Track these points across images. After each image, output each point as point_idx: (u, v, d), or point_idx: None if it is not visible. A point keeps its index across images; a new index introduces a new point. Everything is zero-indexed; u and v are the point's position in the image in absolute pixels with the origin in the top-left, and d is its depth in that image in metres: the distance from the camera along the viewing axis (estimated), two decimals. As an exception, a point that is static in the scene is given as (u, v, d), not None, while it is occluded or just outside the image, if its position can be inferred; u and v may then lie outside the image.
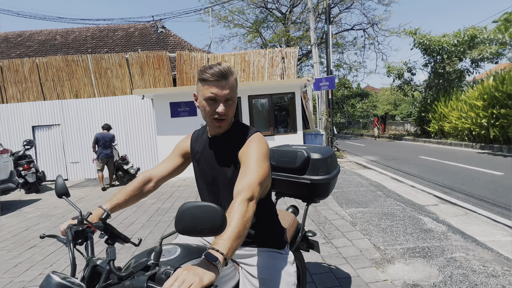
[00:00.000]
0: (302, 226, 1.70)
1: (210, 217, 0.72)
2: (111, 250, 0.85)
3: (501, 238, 2.97)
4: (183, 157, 1.26)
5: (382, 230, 3.26)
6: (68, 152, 8.62)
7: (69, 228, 0.95)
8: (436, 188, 5.19)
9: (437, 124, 12.64)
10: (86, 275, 0.84)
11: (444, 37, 12.55)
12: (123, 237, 1.00)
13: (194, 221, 0.73)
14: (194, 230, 0.74)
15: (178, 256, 1.00)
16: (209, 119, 1.06)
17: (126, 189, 1.17)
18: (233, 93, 1.04)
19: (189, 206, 0.75)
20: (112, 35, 12.88)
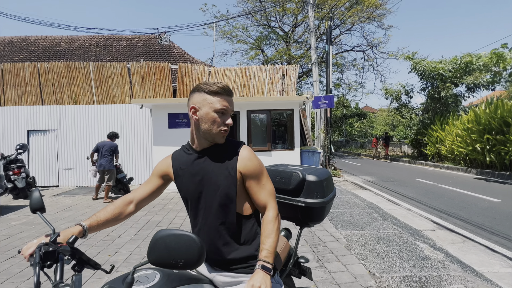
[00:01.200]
0: (294, 251, 1.61)
1: (187, 248, 0.66)
2: (77, 278, 0.77)
3: (500, 269, 2.87)
4: (163, 178, 1.22)
5: (377, 256, 3.14)
6: (61, 158, 8.48)
7: (39, 247, 0.86)
8: (433, 212, 5.10)
9: (434, 147, 12.70)
10: None
11: (441, 63, 12.84)
12: (92, 263, 0.91)
13: (168, 252, 0.67)
14: (167, 262, 0.67)
15: (156, 285, 0.91)
16: (217, 130, 1.09)
17: (107, 209, 1.13)
18: (233, 109, 1.15)
19: (163, 235, 0.68)
20: (116, 45, 13.05)
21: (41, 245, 0.88)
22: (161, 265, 0.68)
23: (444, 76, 12.67)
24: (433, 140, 12.70)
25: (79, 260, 0.89)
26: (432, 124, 13.04)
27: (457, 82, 12.74)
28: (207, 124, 1.08)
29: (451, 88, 12.70)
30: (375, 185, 8.13)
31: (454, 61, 12.55)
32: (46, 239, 0.92)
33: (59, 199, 6.67)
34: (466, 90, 13.10)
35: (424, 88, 14.13)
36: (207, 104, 1.07)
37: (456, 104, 13.25)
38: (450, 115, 12.38)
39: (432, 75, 12.90)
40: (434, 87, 13.42)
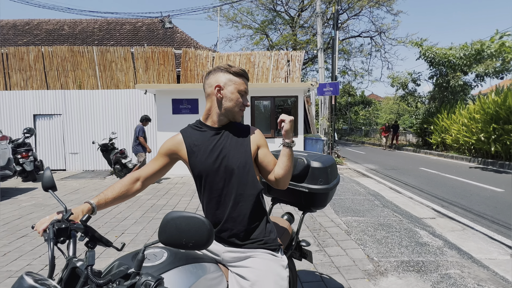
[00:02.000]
0: (296, 235, 1.66)
1: (196, 230, 0.69)
2: (90, 254, 0.81)
3: (498, 257, 2.92)
4: (170, 157, 1.24)
5: (377, 241, 3.21)
6: (68, 142, 8.60)
7: (52, 224, 0.90)
8: (435, 200, 5.13)
9: (439, 136, 12.58)
10: (64, 276, 0.80)
11: (451, 50, 12.49)
12: (104, 241, 0.94)
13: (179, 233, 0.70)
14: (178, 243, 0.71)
15: (164, 262, 0.96)
16: (237, 108, 1.20)
17: (114, 187, 1.16)
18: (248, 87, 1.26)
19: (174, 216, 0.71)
20: (119, 29, 12.90)
21: (54, 222, 0.92)
22: (172, 245, 0.72)
23: (453, 63, 12.36)
24: (439, 129, 12.56)
25: (92, 238, 0.92)
26: (439, 113, 12.86)
27: (466, 70, 12.44)
28: (231, 103, 1.18)
29: (460, 77, 12.41)
30: (378, 173, 8.15)
31: (465, 48, 12.20)
32: (58, 216, 0.96)
33: (66, 182, 6.83)
34: (475, 79, 12.81)
35: (432, 76, 13.83)
36: (232, 85, 1.17)
37: (464, 93, 12.99)
38: (457, 104, 12.17)
39: (441, 62, 12.59)
40: (442, 75, 13.13)
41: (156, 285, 0.69)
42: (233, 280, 1.13)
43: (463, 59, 12.14)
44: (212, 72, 1.20)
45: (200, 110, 7.78)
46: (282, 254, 1.24)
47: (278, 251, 1.22)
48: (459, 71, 12.48)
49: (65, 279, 0.79)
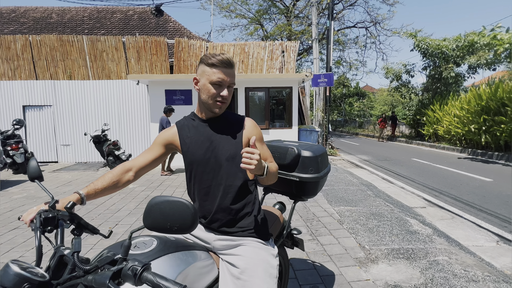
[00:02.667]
0: (288, 223, 1.68)
1: (180, 214, 0.69)
2: (76, 241, 0.81)
3: (485, 244, 3.01)
4: (166, 147, 1.25)
5: (368, 230, 3.27)
6: (59, 134, 8.46)
7: (39, 214, 0.90)
8: (426, 190, 5.23)
9: (431, 127, 12.74)
10: (52, 264, 0.80)
11: (444, 41, 12.52)
12: (90, 228, 0.94)
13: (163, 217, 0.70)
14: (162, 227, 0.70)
15: (153, 250, 0.96)
16: (212, 101, 1.15)
17: (105, 177, 1.15)
18: (234, 80, 1.17)
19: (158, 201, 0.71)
20: (110, 17, 12.56)
21: (41, 211, 0.91)
22: (156, 229, 0.71)
23: (447, 55, 12.41)
24: (431, 120, 12.71)
25: (78, 225, 0.92)
26: (431, 105, 12.98)
27: (459, 62, 12.51)
28: (204, 95, 1.15)
29: (452, 68, 12.49)
30: (371, 163, 8.25)
31: (458, 39, 12.24)
32: (45, 206, 0.96)
33: (58, 174, 6.76)
34: (467, 70, 12.91)
35: (425, 68, 13.90)
36: (204, 76, 1.13)
37: (457, 85, 13.10)
38: (450, 95, 12.29)
39: (435, 53, 12.63)
40: (436, 67, 13.20)
41: (142, 270, 0.69)
42: (224, 268, 1.14)
43: (456, 51, 12.20)
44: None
45: (194, 101, 7.70)
46: (272, 244, 1.26)
47: (269, 240, 1.24)
48: (452, 62, 12.55)
49: (52, 267, 0.79)
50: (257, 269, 1.10)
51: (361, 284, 2.22)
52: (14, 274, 0.67)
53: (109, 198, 4.58)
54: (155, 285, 0.67)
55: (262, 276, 1.09)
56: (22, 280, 0.67)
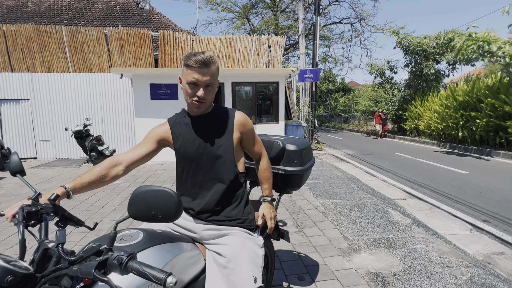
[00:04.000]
0: None
1: (164, 203, 0.70)
2: (61, 233, 0.81)
3: (459, 232, 3.19)
4: (158, 143, 1.26)
5: (352, 221, 3.39)
6: (37, 129, 8.13)
7: (21, 208, 0.89)
8: (406, 183, 5.45)
9: (413, 123, 13.18)
10: (36, 258, 0.79)
11: (425, 39, 12.90)
12: (75, 220, 0.94)
13: (147, 206, 0.71)
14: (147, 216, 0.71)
15: (139, 242, 0.97)
16: (190, 100, 1.16)
17: (92, 170, 1.13)
18: (213, 80, 1.15)
19: (142, 190, 0.72)
20: (90, 7, 12.08)
21: (24, 206, 0.90)
22: (141, 218, 0.72)
23: (427, 52, 12.80)
24: (413, 116, 13.14)
25: (62, 217, 0.91)
26: (413, 101, 13.41)
27: (439, 59, 12.94)
28: (184, 94, 1.18)
29: (432, 66, 12.91)
30: (355, 158, 8.46)
31: (438, 37, 12.64)
32: (28, 201, 0.94)
33: (38, 171, 6.52)
34: (447, 67, 13.38)
35: (407, 64, 14.29)
36: (183, 76, 1.16)
37: (437, 81, 13.57)
38: (430, 92, 12.73)
39: (416, 50, 13.00)
40: (417, 64, 13.60)
41: (128, 260, 0.69)
42: (210, 258, 1.17)
43: (436, 48, 12.60)
44: None
45: (180, 95, 7.59)
46: (258, 234, 1.30)
47: (255, 231, 1.28)
48: (432, 60, 12.96)
49: (37, 260, 0.78)
50: (243, 258, 1.13)
51: (344, 272, 2.31)
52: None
53: (93, 194, 4.48)
54: (141, 274, 0.68)
55: (248, 264, 1.13)
56: (5, 272, 0.67)
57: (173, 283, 0.66)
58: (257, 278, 1.14)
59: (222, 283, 1.08)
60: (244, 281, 1.09)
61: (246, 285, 1.10)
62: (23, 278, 0.70)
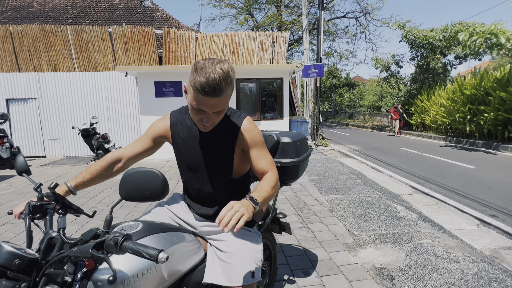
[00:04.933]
0: (272, 208, 1.74)
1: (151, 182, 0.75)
2: (61, 219, 0.87)
3: (466, 227, 3.16)
4: (157, 140, 1.23)
5: (357, 217, 3.39)
6: (45, 127, 8.26)
7: (28, 203, 0.96)
8: (412, 178, 5.41)
9: (419, 117, 13.02)
10: (42, 246, 0.84)
11: (432, 32, 12.68)
12: (75, 208, 0.99)
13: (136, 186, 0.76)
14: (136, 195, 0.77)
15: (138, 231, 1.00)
16: (195, 120, 1.04)
17: (93, 167, 1.16)
18: (224, 105, 0.99)
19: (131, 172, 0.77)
20: (94, 6, 12.14)
21: (30, 202, 0.97)
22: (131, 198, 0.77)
23: (434, 45, 12.58)
24: (419, 110, 12.98)
25: (62, 205, 0.97)
26: (419, 95, 13.23)
27: (446, 52, 12.71)
28: (190, 111, 1.04)
29: (439, 59, 12.71)
30: (360, 153, 8.41)
31: (445, 30, 12.40)
32: (34, 199, 1.00)
33: (47, 169, 6.64)
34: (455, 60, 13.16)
35: (413, 58, 14.08)
36: (189, 92, 0.99)
37: (444, 75, 13.36)
38: (437, 85, 12.54)
39: (422, 44, 12.79)
40: (423, 57, 13.39)
41: (123, 240, 0.73)
42: (212, 252, 1.19)
43: (443, 41, 12.38)
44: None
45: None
46: (256, 230, 1.31)
47: (253, 227, 1.29)
48: (439, 53, 12.75)
49: (43, 249, 0.84)
50: (242, 253, 1.15)
51: (350, 267, 2.32)
52: (6, 251, 0.73)
53: (100, 191, 4.55)
54: (135, 252, 0.72)
55: (245, 260, 1.14)
56: (13, 256, 0.72)
57: (164, 258, 0.69)
58: (255, 273, 1.15)
59: (221, 275, 1.11)
60: (241, 275, 1.11)
61: (244, 280, 1.12)
62: (29, 263, 0.76)
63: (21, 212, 0.99)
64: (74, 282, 0.80)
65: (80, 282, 0.81)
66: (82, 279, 0.81)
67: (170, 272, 1.00)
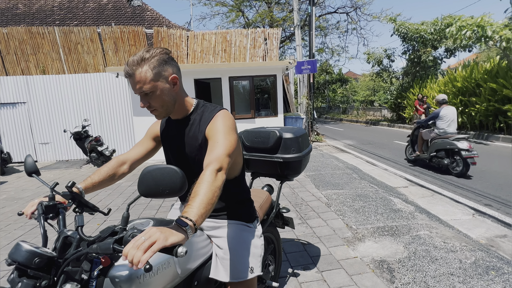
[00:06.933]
0: (276, 203, 1.75)
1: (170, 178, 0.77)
2: (79, 217, 0.89)
3: (462, 217, 3.20)
4: (155, 141, 1.27)
5: (355, 211, 3.40)
6: (36, 132, 8.10)
7: (40, 203, 0.98)
8: (407, 171, 5.46)
9: (412, 110, 13.14)
10: (58, 245, 0.85)
11: (423, 25, 12.79)
12: (91, 206, 1.01)
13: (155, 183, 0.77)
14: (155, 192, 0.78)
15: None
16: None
17: (101, 170, 1.18)
18: (146, 85, 0.98)
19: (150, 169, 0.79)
20: (82, 7, 11.93)
21: (42, 202, 0.99)
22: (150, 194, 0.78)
23: (425, 38, 12.70)
24: (411, 103, 13.11)
25: (79, 203, 0.99)
26: (411, 88, 13.36)
27: (436, 45, 12.85)
28: None
29: (430, 52, 12.84)
30: (355, 148, 8.46)
31: (435, 23, 12.52)
32: (45, 199, 1.02)
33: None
34: (446, 53, 13.31)
35: (405, 52, 14.20)
36: None
37: (435, 68, 13.50)
38: (428, 78, 12.67)
39: (413, 37, 12.90)
40: (415, 51, 13.51)
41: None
42: (214, 248, 1.20)
43: (434, 34, 12.50)
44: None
45: (177, 92, 7.53)
46: (257, 225, 1.30)
47: (253, 222, 1.28)
48: (430, 46, 12.87)
49: (59, 248, 0.85)
50: (239, 250, 1.16)
51: (349, 261, 2.33)
52: (26, 250, 0.74)
53: (95, 194, 4.49)
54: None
55: (244, 255, 1.16)
56: (32, 255, 0.74)
57: (184, 252, 0.70)
58: (255, 268, 1.17)
59: (222, 271, 1.13)
60: (240, 272, 1.14)
61: (242, 275, 1.14)
62: (48, 262, 0.77)
63: (33, 212, 0.99)
64: (91, 280, 0.83)
65: (97, 279, 0.83)
66: (99, 276, 0.84)
67: (182, 268, 1.03)
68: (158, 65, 0.99)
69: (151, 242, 0.68)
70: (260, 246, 1.23)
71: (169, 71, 1.02)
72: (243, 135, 1.77)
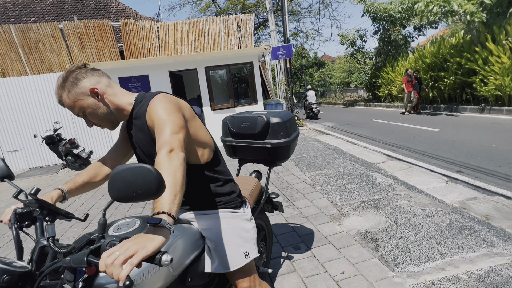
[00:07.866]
0: (265, 189, 1.76)
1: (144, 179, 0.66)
2: (50, 227, 0.81)
3: (436, 185, 3.41)
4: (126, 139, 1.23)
5: (339, 189, 3.52)
6: (3, 140, 7.60)
7: (14, 211, 0.91)
8: (385, 147, 5.69)
9: (386, 89, 13.58)
10: (35, 256, 0.79)
11: (391, 4, 13.05)
12: (63, 213, 0.93)
13: (127, 185, 0.66)
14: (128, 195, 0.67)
15: (137, 229, 0.96)
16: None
17: (83, 172, 1.15)
18: (75, 109, 0.98)
19: (120, 170, 0.67)
20: (39, 2, 11.07)
21: (16, 209, 0.92)
22: (123, 199, 0.68)
23: (394, 17, 12.99)
24: (385, 82, 13.52)
25: (49, 211, 0.91)
26: (385, 67, 13.74)
27: (405, 23, 13.20)
28: None
29: (400, 31, 13.18)
30: (335, 129, 8.67)
31: (403, 2, 12.81)
32: (20, 205, 0.96)
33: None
34: (414, 31, 13.73)
35: (376, 32, 14.48)
36: None
37: (405, 46, 13.92)
38: (400, 57, 13.06)
39: (383, 17, 13.15)
40: (385, 30, 13.81)
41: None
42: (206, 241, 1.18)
43: (402, 13, 12.81)
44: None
45: (152, 86, 7.31)
46: (245, 209, 1.26)
47: (241, 207, 1.23)
48: (399, 25, 13.20)
49: (35, 259, 0.79)
50: (229, 238, 1.14)
51: (336, 236, 2.43)
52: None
53: (77, 198, 4.33)
54: None
55: (236, 243, 1.14)
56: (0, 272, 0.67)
57: (168, 261, 0.63)
58: (249, 252, 1.15)
59: (216, 263, 1.12)
60: (235, 259, 1.12)
61: (238, 262, 1.12)
62: (21, 277, 0.70)
63: (10, 220, 0.93)
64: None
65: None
66: (83, 286, 0.77)
67: (175, 266, 0.99)
68: (72, 86, 0.97)
69: (128, 256, 0.61)
70: (252, 228, 1.21)
71: (85, 86, 0.97)
72: (228, 121, 1.72)
